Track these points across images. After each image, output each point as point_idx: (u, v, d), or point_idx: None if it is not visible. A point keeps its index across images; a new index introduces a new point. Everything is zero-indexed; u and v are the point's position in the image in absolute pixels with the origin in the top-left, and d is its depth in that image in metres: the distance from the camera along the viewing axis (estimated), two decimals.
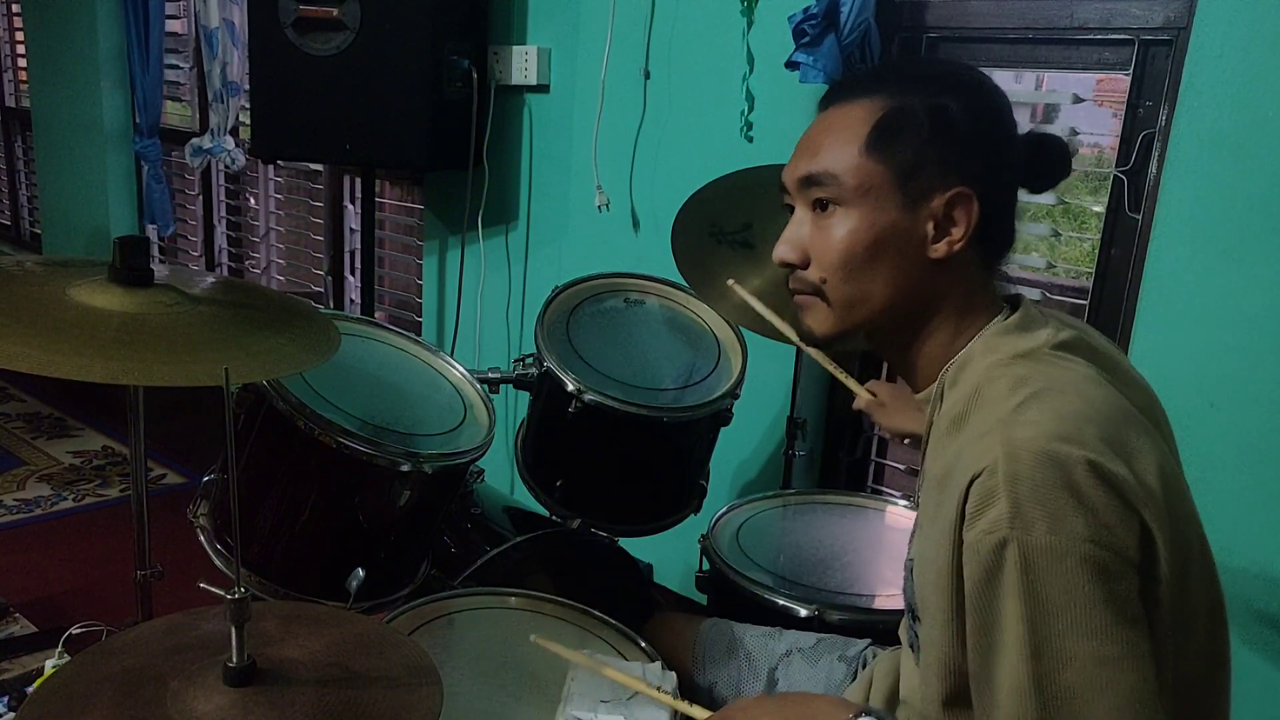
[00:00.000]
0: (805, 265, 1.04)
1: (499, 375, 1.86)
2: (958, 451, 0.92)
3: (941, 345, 1.04)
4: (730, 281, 1.60)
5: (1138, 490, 0.86)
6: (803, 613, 1.54)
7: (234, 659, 0.92)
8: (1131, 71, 1.84)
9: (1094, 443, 0.86)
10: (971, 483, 0.87)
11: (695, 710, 1.17)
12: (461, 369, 1.79)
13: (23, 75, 4.86)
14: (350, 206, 3.46)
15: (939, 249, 0.99)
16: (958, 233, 0.99)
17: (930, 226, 0.99)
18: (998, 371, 0.95)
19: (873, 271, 1.01)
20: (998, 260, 1.06)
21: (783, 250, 1.05)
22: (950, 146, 0.99)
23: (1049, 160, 1.05)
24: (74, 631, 1.93)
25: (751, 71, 2.25)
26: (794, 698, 1.17)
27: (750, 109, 2.26)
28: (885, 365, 2.23)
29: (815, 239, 1.03)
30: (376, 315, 3.13)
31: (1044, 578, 0.84)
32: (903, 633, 1.13)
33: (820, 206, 1.03)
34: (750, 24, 2.23)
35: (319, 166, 3.49)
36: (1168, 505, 0.89)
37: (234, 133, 3.63)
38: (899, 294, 1.01)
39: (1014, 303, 1.05)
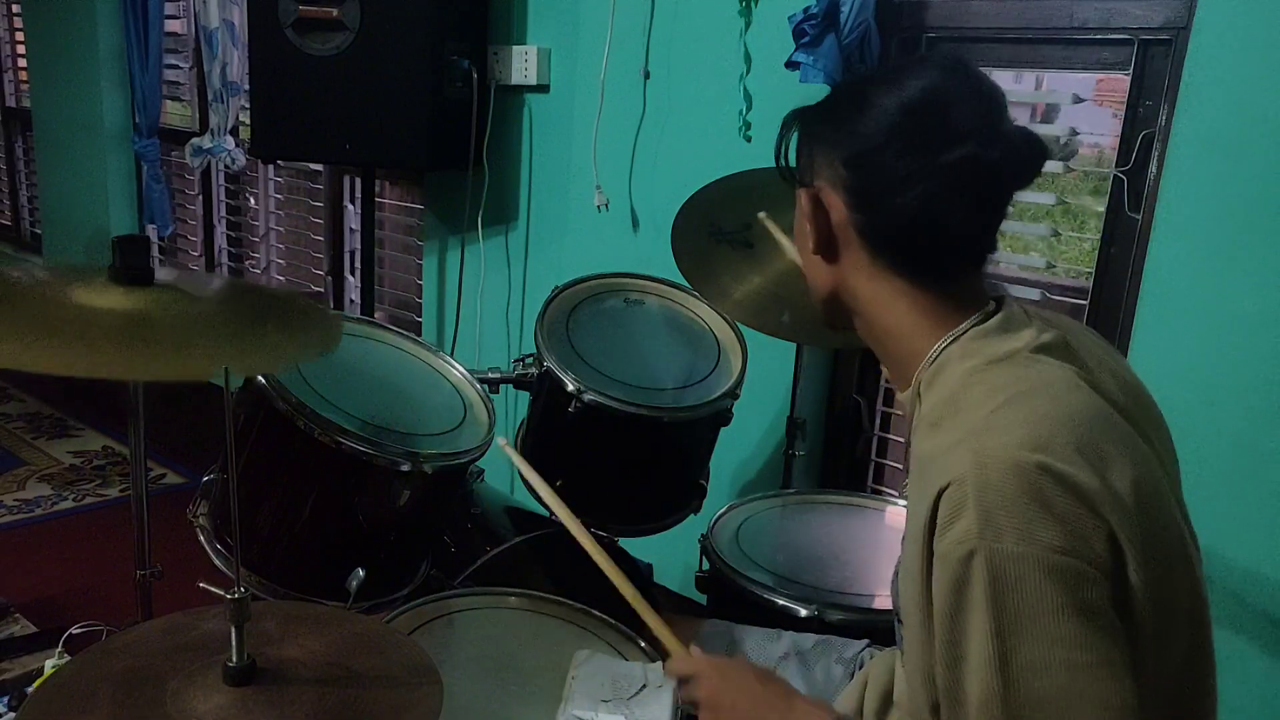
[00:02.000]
0: None
1: (499, 375, 1.86)
2: (931, 456, 0.91)
3: (904, 343, 1.01)
4: (762, 215, 1.65)
5: (1105, 498, 0.85)
6: (802, 613, 1.54)
7: (234, 659, 0.92)
8: (1131, 71, 1.84)
9: (1064, 450, 0.85)
10: (941, 494, 0.86)
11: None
12: (461, 369, 1.79)
13: (23, 75, 4.86)
14: (350, 206, 3.46)
15: (818, 247, 1.03)
16: (818, 232, 1.02)
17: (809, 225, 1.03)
18: (974, 378, 0.93)
19: (804, 263, 1.09)
20: (937, 262, 0.99)
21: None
22: (815, 143, 1.02)
23: (1016, 155, 0.95)
24: (74, 631, 1.94)
25: (749, 71, 2.25)
26: (775, 696, 1.12)
27: (749, 108, 2.26)
28: None
29: None
30: (376, 315, 3.13)
31: (1013, 587, 0.82)
32: (897, 633, 1.12)
33: None
34: (748, 24, 2.23)
35: (319, 166, 3.48)
36: (1141, 512, 0.87)
37: (234, 133, 3.63)
38: (821, 288, 1.07)
39: (1000, 303, 1.01)
